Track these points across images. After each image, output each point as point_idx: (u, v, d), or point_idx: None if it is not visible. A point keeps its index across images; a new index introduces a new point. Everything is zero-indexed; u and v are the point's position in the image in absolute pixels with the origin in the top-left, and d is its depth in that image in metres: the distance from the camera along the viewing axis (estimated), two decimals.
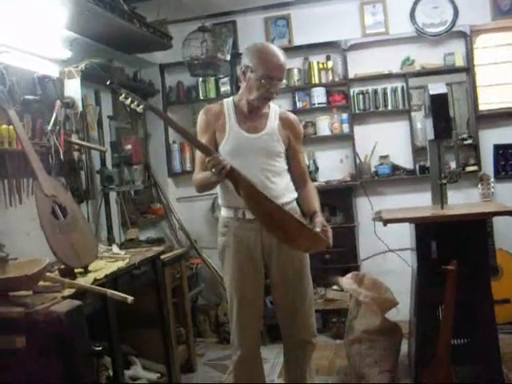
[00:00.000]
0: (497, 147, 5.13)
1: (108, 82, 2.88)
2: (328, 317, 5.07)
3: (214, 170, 2.68)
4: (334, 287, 5.13)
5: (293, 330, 3.11)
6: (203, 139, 2.99)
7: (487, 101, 5.18)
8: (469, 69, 5.10)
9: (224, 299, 5.30)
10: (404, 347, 4.05)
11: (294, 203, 3.07)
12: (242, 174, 2.73)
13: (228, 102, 3.08)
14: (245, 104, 3.02)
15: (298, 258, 3.04)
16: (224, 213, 3.09)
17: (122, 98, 2.75)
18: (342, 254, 5.07)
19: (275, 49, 2.96)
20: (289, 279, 3.04)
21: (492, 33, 5.16)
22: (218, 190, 3.08)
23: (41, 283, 2.54)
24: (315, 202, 3.04)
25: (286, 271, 3.03)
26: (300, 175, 3.14)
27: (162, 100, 5.65)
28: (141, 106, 2.76)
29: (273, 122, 3.04)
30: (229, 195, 2.96)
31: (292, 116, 3.17)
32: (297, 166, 3.13)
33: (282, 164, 3.04)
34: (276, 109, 3.12)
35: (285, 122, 3.08)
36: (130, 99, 2.75)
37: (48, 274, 2.66)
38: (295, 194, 3.07)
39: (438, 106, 3.79)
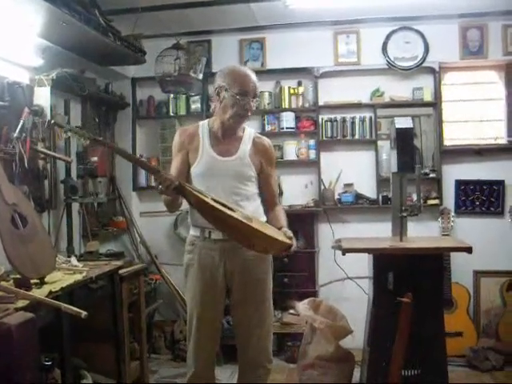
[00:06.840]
0: (458, 182, 5.24)
1: (52, 122, 2.86)
2: (283, 340, 5.07)
3: (160, 187, 2.68)
4: (291, 311, 5.12)
5: (248, 353, 3.10)
6: (176, 160, 3.05)
7: (452, 136, 5.31)
8: (436, 104, 5.20)
9: (181, 316, 5.29)
10: (357, 375, 4.07)
11: None
12: (188, 188, 2.75)
13: (203, 125, 3.12)
14: (219, 126, 3.04)
15: (260, 282, 3.05)
16: (192, 231, 3.11)
17: (65, 135, 2.76)
18: (300, 279, 5.13)
19: (247, 69, 3.08)
20: (249, 302, 3.05)
21: (460, 71, 5.31)
22: (188, 208, 3.09)
23: None
24: (283, 221, 3.05)
25: (247, 294, 3.03)
26: (271, 198, 3.15)
27: (131, 113, 5.65)
28: (85, 140, 2.76)
29: (246, 146, 3.06)
30: (197, 214, 2.97)
31: (266, 140, 3.18)
32: (268, 189, 3.15)
33: (251, 188, 3.06)
34: (251, 132, 3.15)
35: (258, 146, 3.10)
36: (72, 135, 2.76)
37: (2, 282, 2.64)
38: (264, 218, 3.08)
39: (403, 140, 3.86)
